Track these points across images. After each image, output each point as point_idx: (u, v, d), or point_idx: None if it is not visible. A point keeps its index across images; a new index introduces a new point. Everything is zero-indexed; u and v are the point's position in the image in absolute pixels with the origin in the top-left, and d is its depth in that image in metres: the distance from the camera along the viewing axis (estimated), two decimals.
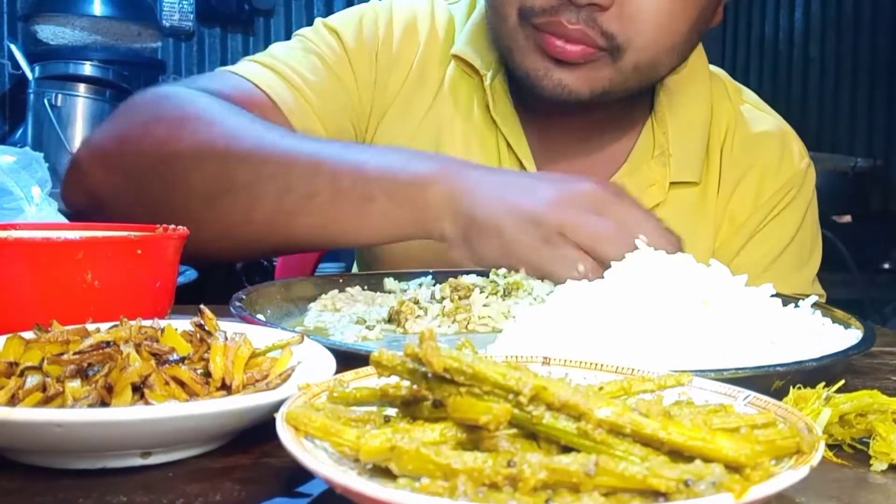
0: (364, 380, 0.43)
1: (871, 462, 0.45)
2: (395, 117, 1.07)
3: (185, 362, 0.48)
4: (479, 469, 0.32)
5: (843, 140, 3.62)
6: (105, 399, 0.45)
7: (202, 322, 0.53)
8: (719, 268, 0.63)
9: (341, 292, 0.83)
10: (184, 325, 0.54)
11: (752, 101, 1.16)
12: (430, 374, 0.36)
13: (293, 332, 0.56)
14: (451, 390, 0.36)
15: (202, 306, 0.55)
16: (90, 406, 0.44)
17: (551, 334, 0.58)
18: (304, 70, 1.02)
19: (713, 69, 1.15)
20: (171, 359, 0.48)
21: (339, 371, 0.46)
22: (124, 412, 0.41)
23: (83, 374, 0.46)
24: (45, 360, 0.46)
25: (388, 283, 0.87)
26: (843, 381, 0.49)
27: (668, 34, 0.93)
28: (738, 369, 0.51)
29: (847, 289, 2.57)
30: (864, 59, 3.65)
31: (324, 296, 0.82)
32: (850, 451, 0.47)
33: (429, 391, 0.37)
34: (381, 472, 0.34)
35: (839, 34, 3.71)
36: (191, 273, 1.73)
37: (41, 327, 0.51)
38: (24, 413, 0.40)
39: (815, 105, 3.75)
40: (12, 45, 2.81)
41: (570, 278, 0.68)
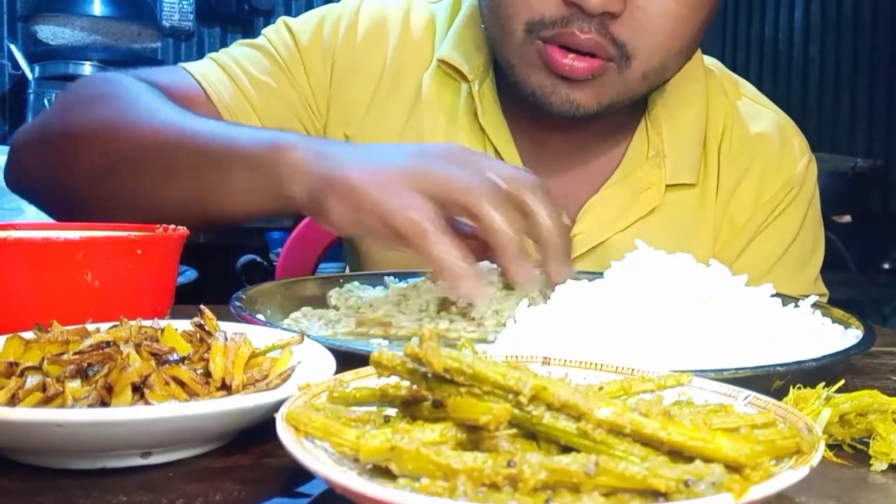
0: (364, 380, 0.43)
1: (871, 462, 0.45)
2: (371, 126, 1.04)
3: (185, 362, 0.48)
4: (479, 469, 0.32)
5: (843, 140, 3.62)
6: (105, 399, 0.45)
7: (202, 322, 0.53)
8: (719, 268, 0.63)
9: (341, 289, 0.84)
10: (184, 325, 0.54)
11: (750, 95, 1.12)
12: (430, 375, 0.36)
13: (293, 331, 0.56)
14: (451, 390, 0.36)
15: (202, 306, 0.55)
16: (90, 406, 0.44)
17: (551, 334, 0.58)
18: (250, 67, 1.02)
19: (708, 62, 1.11)
20: (171, 359, 0.48)
21: (339, 371, 0.46)
22: (124, 412, 0.41)
23: (83, 374, 0.46)
24: (45, 360, 0.46)
25: (389, 281, 0.87)
26: (843, 381, 0.49)
27: (677, 39, 0.91)
28: (738, 369, 0.51)
29: (847, 289, 2.57)
30: (864, 59, 3.65)
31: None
32: (850, 451, 0.47)
33: (429, 391, 0.37)
34: (381, 472, 0.34)
35: (839, 34, 3.71)
36: (191, 273, 1.73)
37: (41, 327, 0.51)
38: (24, 413, 0.40)
39: (815, 105, 3.75)
40: (12, 45, 2.82)
41: (419, 230, 0.66)
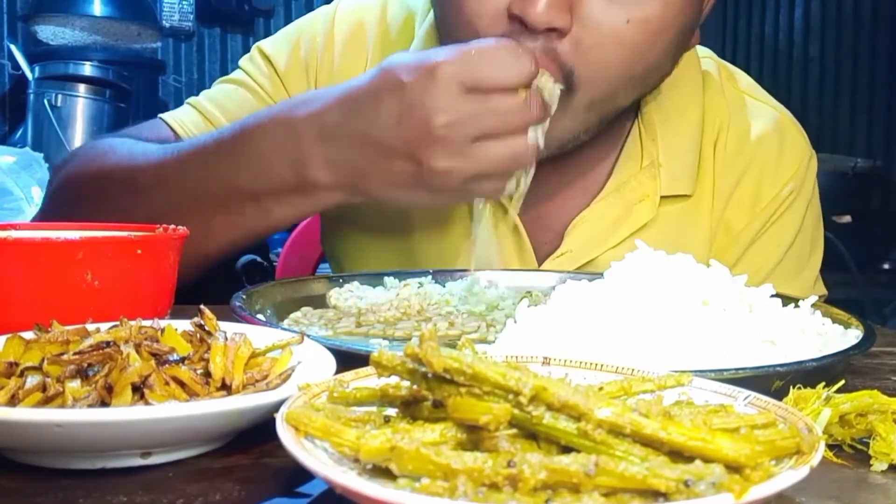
0: (364, 380, 0.43)
1: (871, 462, 0.45)
2: None
3: (185, 362, 0.48)
4: (479, 469, 0.32)
5: (843, 140, 3.62)
6: (105, 399, 0.45)
7: (202, 322, 0.53)
8: (719, 268, 0.63)
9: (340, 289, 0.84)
10: (184, 325, 0.54)
11: (747, 90, 1.07)
12: (430, 375, 0.36)
13: (293, 331, 0.56)
14: (451, 390, 0.36)
15: (202, 306, 0.55)
16: (90, 406, 0.44)
17: (551, 334, 0.58)
18: (229, 104, 1.01)
19: (703, 54, 1.05)
20: (171, 359, 0.48)
21: (339, 371, 0.46)
22: (124, 412, 0.41)
23: (83, 374, 0.46)
24: (45, 360, 0.46)
25: (389, 281, 0.87)
26: (843, 381, 0.49)
27: (627, 68, 0.83)
28: (738, 369, 0.51)
29: (847, 289, 2.57)
30: (864, 59, 3.65)
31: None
32: (850, 451, 0.47)
33: (429, 391, 0.37)
34: (381, 472, 0.34)
35: (839, 34, 3.71)
36: None
37: (41, 327, 0.51)
38: (24, 413, 0.40)
39: (815, 105, 3.74)
40: (12, 45, 2.82)
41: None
